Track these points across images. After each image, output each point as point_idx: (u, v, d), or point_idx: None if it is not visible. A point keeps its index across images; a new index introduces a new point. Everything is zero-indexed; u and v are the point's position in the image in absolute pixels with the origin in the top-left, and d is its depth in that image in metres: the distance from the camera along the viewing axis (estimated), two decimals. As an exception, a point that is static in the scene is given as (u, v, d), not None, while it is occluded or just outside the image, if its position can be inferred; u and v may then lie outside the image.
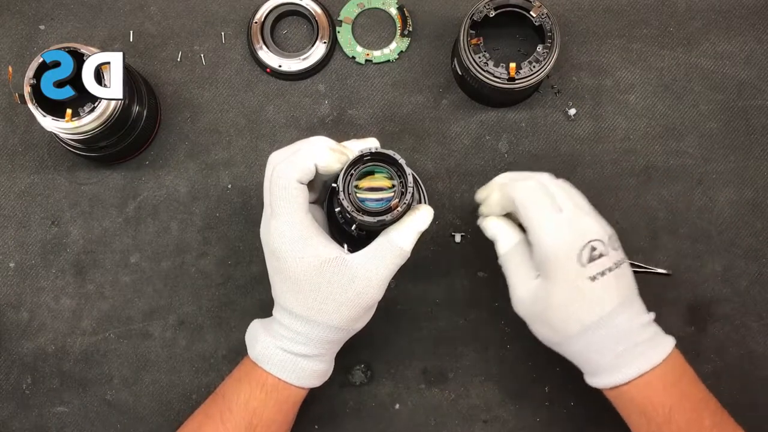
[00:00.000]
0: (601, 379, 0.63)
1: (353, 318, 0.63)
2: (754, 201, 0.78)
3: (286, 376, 0.63)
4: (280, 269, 0.62)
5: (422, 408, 0.76)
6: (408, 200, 0.61)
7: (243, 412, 0.63)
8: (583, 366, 0.64)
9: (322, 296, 0.62)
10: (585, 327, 0.61)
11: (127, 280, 0.78)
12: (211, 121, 0.80)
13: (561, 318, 0.62)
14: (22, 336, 0.77)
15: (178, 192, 0.79)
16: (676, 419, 0.61)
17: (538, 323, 0.64)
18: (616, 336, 0.61)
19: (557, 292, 0.61)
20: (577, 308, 0.61)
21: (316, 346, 0.64)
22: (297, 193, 0.62)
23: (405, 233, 0.63)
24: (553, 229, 0.62)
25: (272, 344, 0.63)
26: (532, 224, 0.63)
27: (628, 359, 0.61)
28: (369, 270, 0.62)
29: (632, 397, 0.62)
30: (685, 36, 0.81)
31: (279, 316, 0.64)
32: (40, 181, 0.79)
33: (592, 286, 0.61)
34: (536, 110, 0.80)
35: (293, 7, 0.80)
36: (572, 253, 0.61)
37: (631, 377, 0.61)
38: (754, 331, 0.77)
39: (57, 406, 0.76)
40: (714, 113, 0.80)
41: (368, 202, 0.62)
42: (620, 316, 0.61)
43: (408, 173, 0.61)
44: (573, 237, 0.61)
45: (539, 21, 0.73)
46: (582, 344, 0.62)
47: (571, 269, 0.61)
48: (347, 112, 0.80)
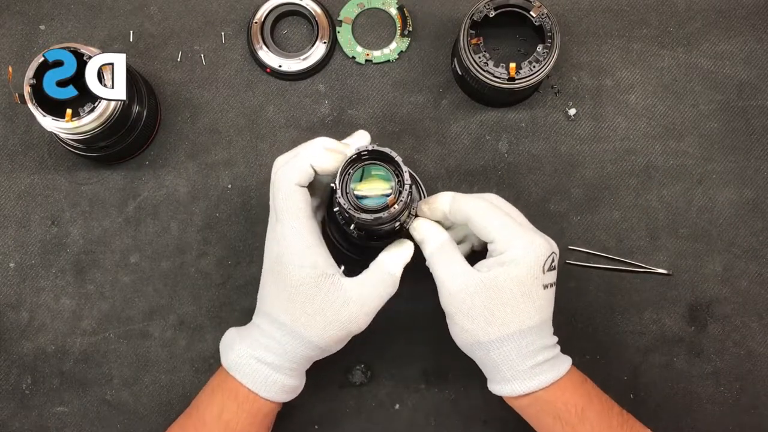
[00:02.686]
0: (512, 387, 0.63)
1: (336, 340, 0.63)
2: (754, 201, 0.78)
3: (256, 388, 0.63)
4: (279, 274, 0.62)
5: (422, 408, 0.76)
6: (405, 198, 0.61)
7: (216, 424, 0.63)
8: (495, 372, 0.64)
9: (313, 310, 0.62)
10: (522, 330, 0.62)
11: (127, 280, 0.78)
12: (211, 121, 0.80)
13: (503, 315, 0.62)
14: (22, 336, 0.77)
15: (178, 192, 0.79)
16: (589, 417, 0.63)
17: (467, 317, 0.63)
18: (536, 347, 0.63)
19: (511, 291, 0.62)
20: (524, 309, 0.62)
21: (291, 360, 0.63)
22: (298, 197, 0.62)
23: (396, 262, 0.65)
24: (525, 236, 0.63)
25: (246, 353, 0.63)
26: (502, 234, 0.63)
27: (541, 369, 0.63)
28: (363, 296, 0.63)
29: (547, 401, 0.63)
30: (685, 36, 0.81)
31: (260, 323, 0.64)
32: (40, 181, 0.79)
33: (542, 294, 0.63)
34: (536, 110, 0.80)
35: (293, 7, 0.80)
36: (541, 259, 0.62)
37: (548, 382, 0.62)
38: (754, 331, 0.77)
39: (57, 406, 0.76)
40: (714, 113, 0.80)
41: (366, 200, 0.62)
42: (545, 329, 0.64)
43: (404, 171, 0.61)
44: (543, 246, 0.63)
45: (539, 21, 0.73)
46: (509, 347, 0.62)
47: (533, 274, 0.62)
48: (347, 112, 0.80)
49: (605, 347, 0.77)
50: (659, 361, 0.76)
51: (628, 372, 0.77)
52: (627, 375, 0.77)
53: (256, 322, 0.65)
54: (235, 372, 0.63)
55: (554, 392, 0.63)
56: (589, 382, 0.66)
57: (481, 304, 0.62)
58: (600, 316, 0.77)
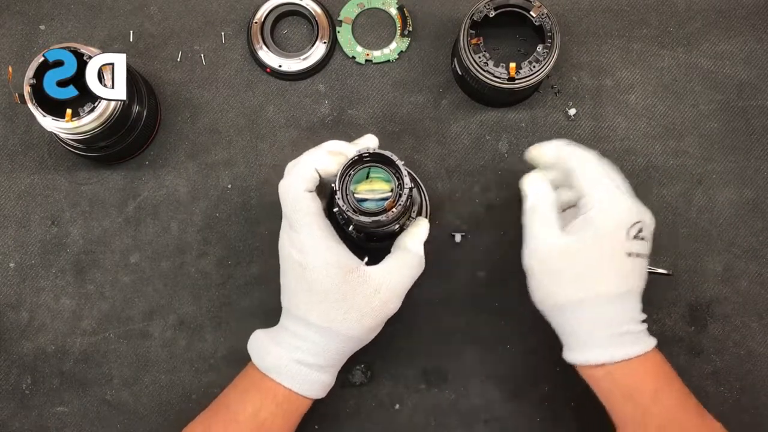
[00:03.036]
0: (586, 355, 0.62)
1: (372, 328, 0.64)
2: (754, 201, 0.78)
3: (298, 388, 0.64)
4: (306, 281, 0.62)
5: (422, 408, 0.76)
6: (404, 201, 0.61)
7: (251, 423, 0.63)
8: (570, 337, 0.64)
9: (347, 306, 0.62)
10: (600, 295, 0.61)
11: (127, 280, 0.78)
12: (211, 121, 0.80)
13: (583, 278, 0.62)
14: (22, 336, 0.77)
15: (178, 192, 0.79)
16: (662, 400, 0.62)
17: (550, 277, 0.63)
18: (618, 317, 0.62)
19: (592, 253, 0.62)
20: (604, 273, 0.62)
21: (331, 358, 0.64)
22: (308, 203, 0.62)
23: (417, 241, 0.66)
24: (614, 196, 0.63)
25: (285, 356, 0.63)
26: (592, 186, 0.63)
27: (620, 342, 0.62)
28: (392, 281, 0.64)
29: (617, 380, 0.62)
30: (685, 36, 0.81)
31: (293, 327, 0.64)
32: (40, 181, 0.79)
33: (626, 261, 0.62)
34: (536, 110, 0.80)
35: (293, 7, 0.80)
36: (624, 223, 0.62)
37: (619, 359, 0.61)
38: (754, 331, 0.77)
39: (57, 406, 0.76)
40: (714, 113, 0.80)
41: (366, 203, 0.62)
42: (633, 302, 0.63)
43: (404, 174, 0.61)
44: (630, 210, 0.63)
45: (539, 21, 0.73)
46: (586, 313, 0.62)
47: (617, 237, 0.62)
48: (347, 112, 0.80)
49: (605, 347, 0.77)
50: (659, 361, 0.76)
51: (628, 372, 0.77)
52: (627, 375, 0.77)
53: (288, 326, 0.65)
54: (276, 374, 0.64)
55: (630, 369, 0.62)
56: (670, 367, 0.64)
57: (563, 265, 0.62)
58: (600, 316, 0.77)
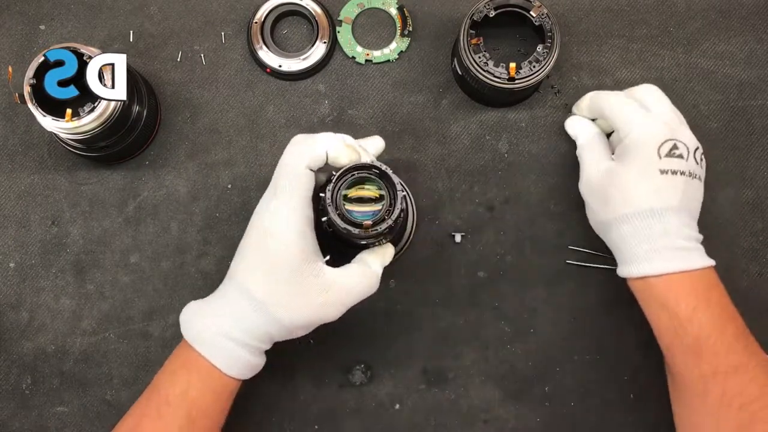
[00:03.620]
0: (630, 269, 0.65)
1: (304, 324, 0.63)
2: (754, 201, 0.78)
3: (219, 363, 0.62)
4: (263, 249, 0.61)
5: (422, 408, 0.76)
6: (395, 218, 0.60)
7: (182, 403, 0.61)
8: (618, 253, 0.68)
9: (290, 290, 0.61)
10: (637, 212, 0.64)
11: (127, 280, 0.78)
12: (211, 121, 0.80)
13: (621, 196, 0.66)
14: (22, 336, 0.77)
15: (178, 192, 0.79)
16: (699, 319, 0.63)
17: (598, 200, 0.68)
18: (659, 232, 0.64)
19: (626, 173, 0.66)
20: (639, 191, 0.65)
21: (255, 337, 0.62)
22: (304, 179, 0.62)
23: (379, 262, 0.66)
24: (641, 120, 0.67)
25: (213, 327, 0.62)
26: (621, 119, 0.68)
27: (663, 256, 0.64)
28: (344, 287, 0.63)
29: (658, 289, 0.64)
30: (685, 36, 0.81)
31: (230, 293, 0.62)
32: (40, 181, 0.79)
33: (659, 178, 0.65)
34: (536, 110, 0.80)
35: (293, 7, 0.80)
36: (653, 141, 0.66)
37: (659, 272, 0.63)
38: (754, 331, 0.77)
39: (57, 406, 0.76)
40: (714, 113, 0.80)
41: (356, 214, 0.61)
42: (672, 218, 0.65)
43: (399, 191, 0.60)
44: (659, 130, 0.66)
45: (539, 21, 0.73)
46: (626, 229, 0.65)
47: (647, 155, 0.65)
48: (347, 112, 0.80)
49: (605, 347, 0.77)
50: (659, 361, 0.76)
51: (628, 372, 0.77)
52: (627, 375, 0.76)
53: (225, 292, 0.63)
54: (199, 345, 0.62)
55: (669, 284, 0.64)
56: (721, 290, 0.65)
57: (606, 186, 0.67)
58: (600, 316, 0.77)
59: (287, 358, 0.76)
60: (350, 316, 0.77)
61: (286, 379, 0.76)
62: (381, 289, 0.76)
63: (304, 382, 0.76)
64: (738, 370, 0.62)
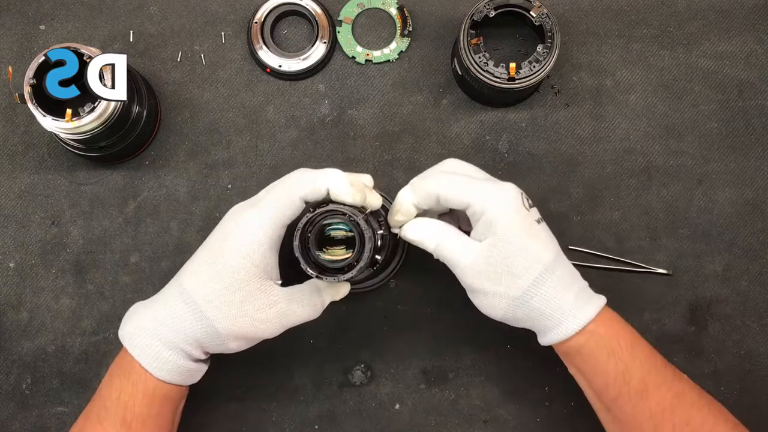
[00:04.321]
0: (569, 325, 0.62)
1: (241, 336, 0.61)
2: (754, 201, 0.78)
3: (148, 365, 0.61)
4: (218, 251, 0.61)
5: (422, 408, 0.76)
6: (364, 264, 0.60)
7: (116, 407, 0.61)
8: (542, 320, 0.62)
9: (232, 298, 0.60)
10: (546, 266, 0.61)
11: (127, 280, 0.78)
12: (211, 121, 0.80)
13: (521, 263, 0.61)
14: (22, 336, 0.77)
15: (178, 192, 0.79)
16: (638, 354, 0.62)
17: (494, 283, 0.62)
18: (569, 278, 0.63)
19: (514, 239, 0.61)
20: (537, 248, 0.62)
21: (186, 341, 0.61)
22: (290, 204, 0.61)
23: (330, 295, 0.65)
24: (491, 189, 0.63)
25: (145, 325, 0.61)
26: (469, 195, 0.63)
27: (586, 297, 0.63)
28: (288, 307, 0.62)
29: (601, 336, 0.62)
30: (685, 36, 0.81)
31: (169, 293, 0.62)
32: (40, 181, 0.79)
33: (540, 228, 0.63)
34: (536, 110, 0.80)
35: (293, 7, 0.80)
36: (516, 201, 0.63)
37: (596, 312, 0.62)
38: (754, 331, 0.77)
39: (57, 406, 0.76)
40: (714, 113, 0.80)
41: (323, 259, 0.61)
42: (565, 261, 0.64)
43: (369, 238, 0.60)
44: (509, 190, 0.63)
45: (539, 21, 0.73)
46: (542, 291, 0.61)
47: (521, 215, 0.63)
48: (347, 112, 0.80)
49: (605, 347, 0.77)
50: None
51: (628, 372, 0.76)
52: (627, 375, 0.76)
53: (166, 293, 0.63)
54: (132, 347, 0.61)
55: (605, 326, 0.62)
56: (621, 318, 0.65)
57: (498, 262, 0.61)
58: (600, 316, 0.77)
59: (287, 358, 0.76)
60: (350, 316, 0.77)
61: (286, 379, 0.76)
62: (381, 289, 0.77)
63: (304, 382, 0.76)
64: (680, 398, 0.62)
